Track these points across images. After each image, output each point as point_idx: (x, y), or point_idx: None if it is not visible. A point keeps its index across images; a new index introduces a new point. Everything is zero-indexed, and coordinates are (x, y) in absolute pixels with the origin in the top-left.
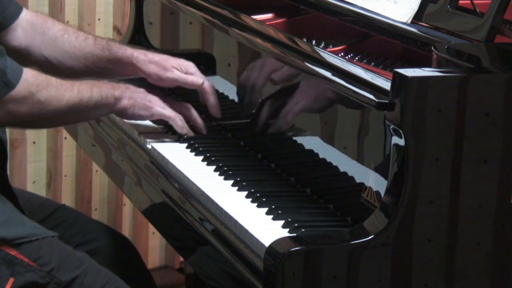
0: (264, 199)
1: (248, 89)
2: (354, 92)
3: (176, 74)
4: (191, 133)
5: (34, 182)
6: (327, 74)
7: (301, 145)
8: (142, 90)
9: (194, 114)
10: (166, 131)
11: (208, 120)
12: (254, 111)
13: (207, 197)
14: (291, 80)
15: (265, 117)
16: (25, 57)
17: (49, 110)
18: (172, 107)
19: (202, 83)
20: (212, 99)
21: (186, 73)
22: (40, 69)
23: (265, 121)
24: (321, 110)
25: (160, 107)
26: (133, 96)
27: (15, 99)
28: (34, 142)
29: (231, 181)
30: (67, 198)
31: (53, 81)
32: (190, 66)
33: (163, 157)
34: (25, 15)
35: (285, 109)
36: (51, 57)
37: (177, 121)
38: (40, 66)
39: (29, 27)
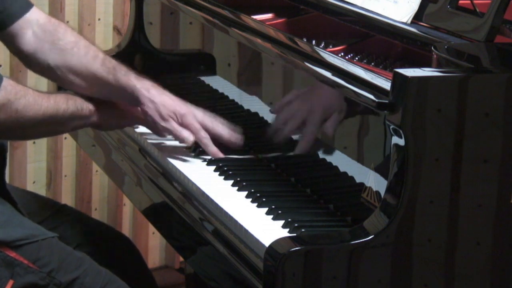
0: (264, 199)
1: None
2: (354, 92)
3: (171, 126)
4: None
5: (34, 182)
6: (327, 74)
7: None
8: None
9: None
10: None
11: None
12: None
13: (207, 197)
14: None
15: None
16: (31, 62)
17: (26, 119)
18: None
19: (192, 144)
20: (210, 150)
21: (181, 123)
22: (41, 76)
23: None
24: (324, 112)
25: (137, 111)
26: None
27: None
28: (34, 142)
29: (231, 181)
30: (67, 198)
31: (31, 91)
32: (187, 115)
33: (163, 157)
34: (38, 19)
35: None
36: (56, 67)
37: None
38: (42, 73)
39: (41, 32)
